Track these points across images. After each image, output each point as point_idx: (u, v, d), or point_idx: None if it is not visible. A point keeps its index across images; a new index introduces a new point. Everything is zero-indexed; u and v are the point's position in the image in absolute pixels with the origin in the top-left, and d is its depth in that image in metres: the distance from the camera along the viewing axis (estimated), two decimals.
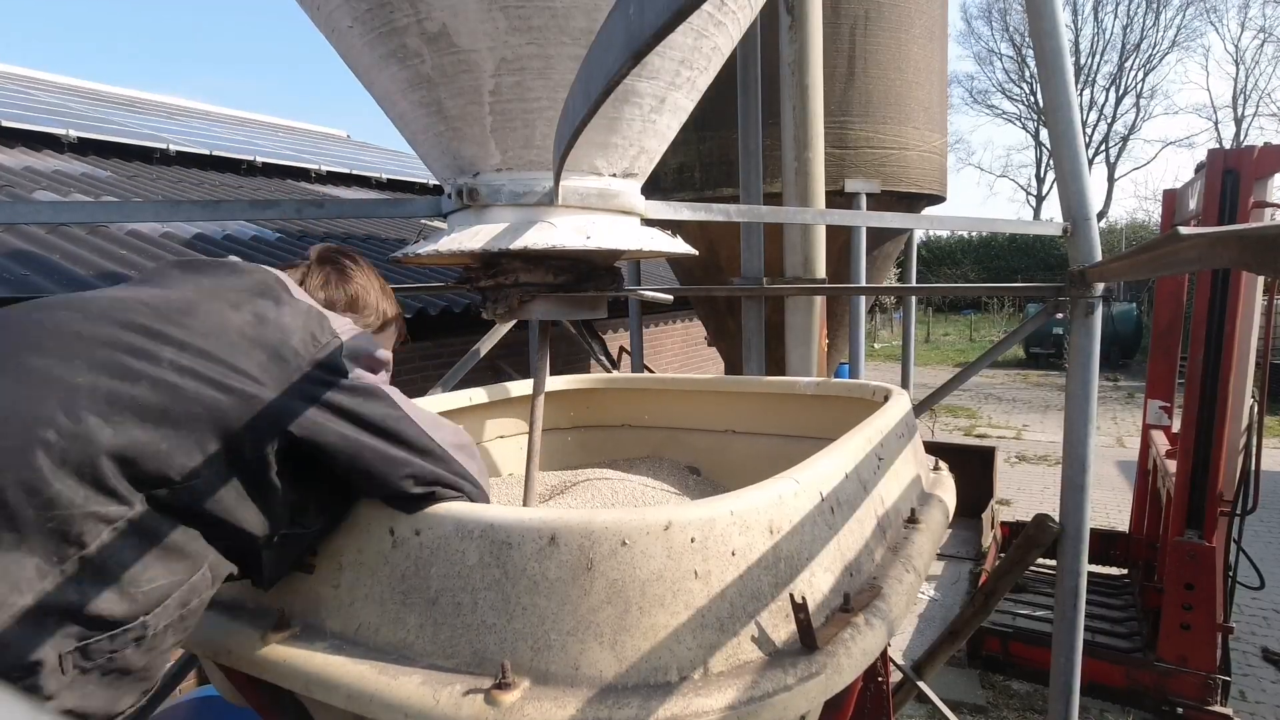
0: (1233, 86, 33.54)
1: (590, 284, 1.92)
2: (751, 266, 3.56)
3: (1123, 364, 16.73)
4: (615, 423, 2.78)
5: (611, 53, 0.79)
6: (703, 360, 9.97)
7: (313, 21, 1.90)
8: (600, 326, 7.55)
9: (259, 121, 11.08)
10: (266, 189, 6.68)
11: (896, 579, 1.39)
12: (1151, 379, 4.99)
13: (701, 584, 1.11)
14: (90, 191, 4.77)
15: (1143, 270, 1.68)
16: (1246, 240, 0.93)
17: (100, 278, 3.39)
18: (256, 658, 1.27)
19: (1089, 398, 2.40)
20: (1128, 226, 28.39)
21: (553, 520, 1.15)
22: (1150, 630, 4.21)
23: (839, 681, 1.11)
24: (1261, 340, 4.02)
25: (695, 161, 4.53)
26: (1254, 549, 4.44)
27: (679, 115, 1.94)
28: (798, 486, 1.27)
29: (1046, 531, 2.40)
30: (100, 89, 9.50)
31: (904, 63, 4.43)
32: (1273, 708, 3.98)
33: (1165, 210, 4.97)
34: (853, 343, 4.47)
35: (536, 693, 1.06)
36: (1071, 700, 2.51)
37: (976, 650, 4.36)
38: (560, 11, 1.59)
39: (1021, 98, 35.69)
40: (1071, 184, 2.37)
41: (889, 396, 2.08)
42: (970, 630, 2.72)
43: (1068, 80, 2.33)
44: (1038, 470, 8.85)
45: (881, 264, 5.28)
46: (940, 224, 5.05)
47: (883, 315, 24.56)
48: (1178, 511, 3.86)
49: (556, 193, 1.72)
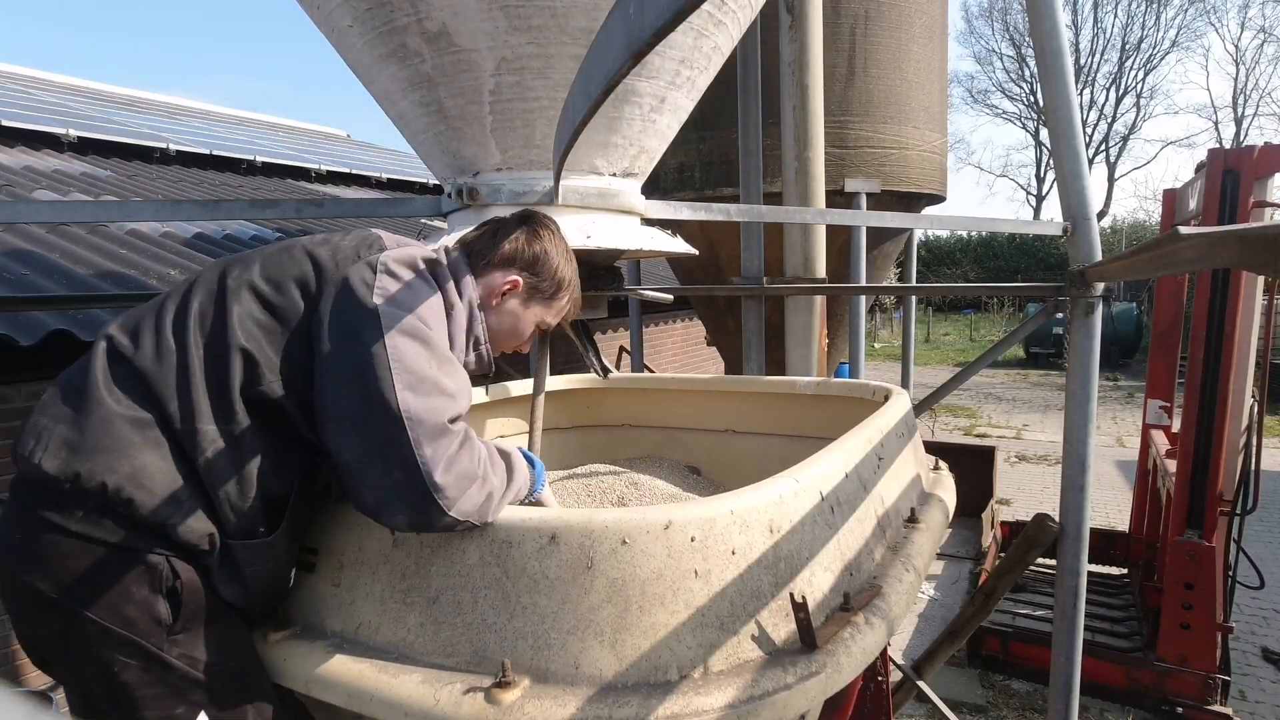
0: (1233, 86, 33.58)
1: (590, 283, 1.92)
2: (751, 266, 3.56)
3: (1123, 364, 16.72)
4: (615, 423, 2.78)
5: (611, 53, 0.79)
6: (703, 360, 9.97)
7: (313, 21, 1.90)
8: (600, 326, 7.55)
9: (259, 121, 11.08)
10: (266, 189, 6.67)
11: (896, 578, 1.39)
12: (1151, 379, 4.98)
13: (701, 583, 1.11)
14: (90, 191, 4.77)
15: (1143, 270, 1.68)
16: (1246, 240, 0.93)
17: (100, 277, 3.39)
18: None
19: (1089, 398, 2.40)
20: (1128, 226, 28.38)
21: (553, 519, 1.15)
22: (1150, 630, 4.20)
23: (839, 680, 1.11)
24: (1261, 340, 4.02)
25: (695, 161, 4.53)
26: (1254, 549, 4.44)
27: (679, 115, 1.94)
28: (798, 486, 1.27)
29: (1046, 531, 2.40)
30: (100, 88, 9.49)
31: (904, 62, 4.43)
32: (1273, 708, 3.98)
33: (1165, 210, 4.97)
34: (853, 342, 4.47)
35: (537, 691, 1.06)
36: (1071, 700, 2.51)
37: (976, 650, 4.35)
38: (560, 11, 1.59)
39: (1021, 97, 35.68)
40: (1071, 184, 2.37)
41: (889, 396, 2.08)
42: (970, 630, 2.72)
43: (1068, 80, 2.33)
44: (1038, 470, 8.85)
45: (881, 264, 5.27)
46: (940, 224, 5.05)
47: (883, 315, 24.55)
48: (1178, 511, 3.86)
49: (556, 192, 1.72)
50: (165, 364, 1.18)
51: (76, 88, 9.03)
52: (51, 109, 6.80)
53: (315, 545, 1.35)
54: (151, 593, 1.14)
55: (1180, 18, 37.54)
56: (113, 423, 1.14)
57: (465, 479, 1.15)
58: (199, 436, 1.16)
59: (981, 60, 54.63)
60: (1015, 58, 35.15)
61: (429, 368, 1.17)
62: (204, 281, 1.27)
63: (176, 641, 1.17)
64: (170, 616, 1.16)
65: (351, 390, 1.16)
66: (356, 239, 1.32)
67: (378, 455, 1.14)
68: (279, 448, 1.22)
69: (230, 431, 1.18)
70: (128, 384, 1.18)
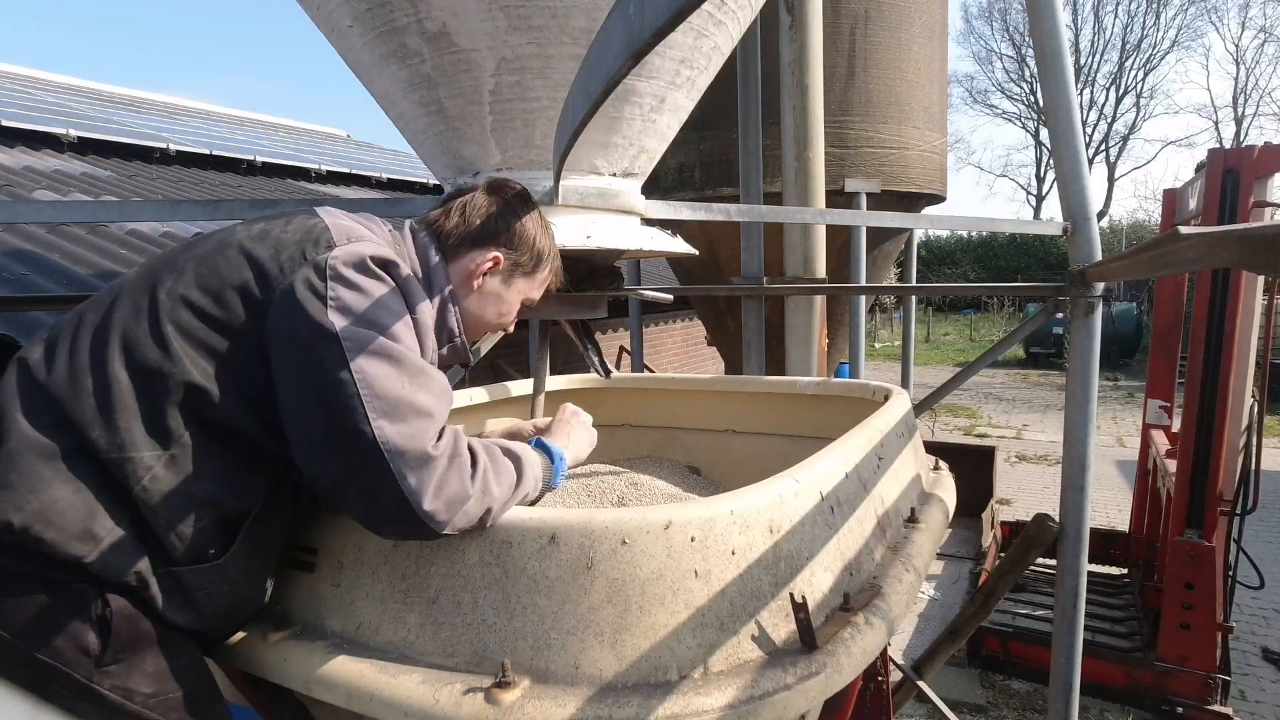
0: (1233, 86, 33.62)
1: (591, 283, 1.92)
2: (751, 266, 3.56)
3: (1123, 364, 16.72)
4: (615, 423, 2.78)
5: (611, 53, 0.79)
6: (703, 360, 9.97)
7: (313, 21, 1.90)
8: (600, 326, 7.55)
9: (259, 121, 11.08)
10: (266, 189, 6.67)
11: (896, 578, 1.39)
12: (1151, 379, 4.98)
13: (701, 583, 1.11)
14: (90, 191, 4.77)
15: (1143, 270, 1.68)
16: (1246, 240, 0.93)
17: (100, 277, 3.39)
18: (256, 657, 1.27)
19: (1089, 397, 2.40)
20: (1128, 226, 28.37)
21: (553, 519, 1.15)
22: (1150, 630, 4.20)
23: (839, 681, 1.11)
24: (1261, 340, 4.02)
25: (695, 161, 4.53)
26: (1254, 549, 4.43)
27: (679, 115, 1.94)
28: (798, 486, 1.27)
29: (1046, 531, 2.40)
30: (101, 88, 9.49)
31: (904, 62, 4.43)
32: (1273, 707, 3.98)
33: (1165, 210, 4.97)
34: (853, 342, 4.47)
35: (536, 691, 1.06)
36: (1071, 700, 2.51)
37: (976, 650, 4.35)
38: (560, 11, 1.59)
39: (1021, 97, 35.70)
40: (1071, 184, 2.37)
41: (889, 396, 2.08)
42: (970, 630, 2.72)
43: (1068, 80, 2.33)
44: (1038, 470, 8.85)
45: (881, 264, 5.27)
46: (940, 224, 5.06)
47: (883, 315, 24.55)
48: (1178, 511, 3.86)
49: (556, 192, 1.72)
50: (80, 388, 1.09)
51: (76, 88, 9.03)
52: (51, 109, 6.80)
53: (315, 545, 1.35)
54: (80, 622, 1.06)
55: (1180, 17, 37.57)
56: (21, 455, 1.05)
57: (456, 502, 1.10)
58: (132, 465, 1.07)
59: (981, 60, 54.66)
60: (1015, 58, 35.19)
61: (402, 388, 1.09)
62: (129, 293, 1.16)
63: (108, 673, 1.08)
64: (99, 647, 1.07)
65: (318, 414, 1.08)
66: (299, 231, 1.19)
67: (354, 481, 1.09)
68: (235, 468, 1.15)
69: (171, 457, 1.09)
70: (39, 411, 1.08)
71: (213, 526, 1.13)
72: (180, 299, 1.13)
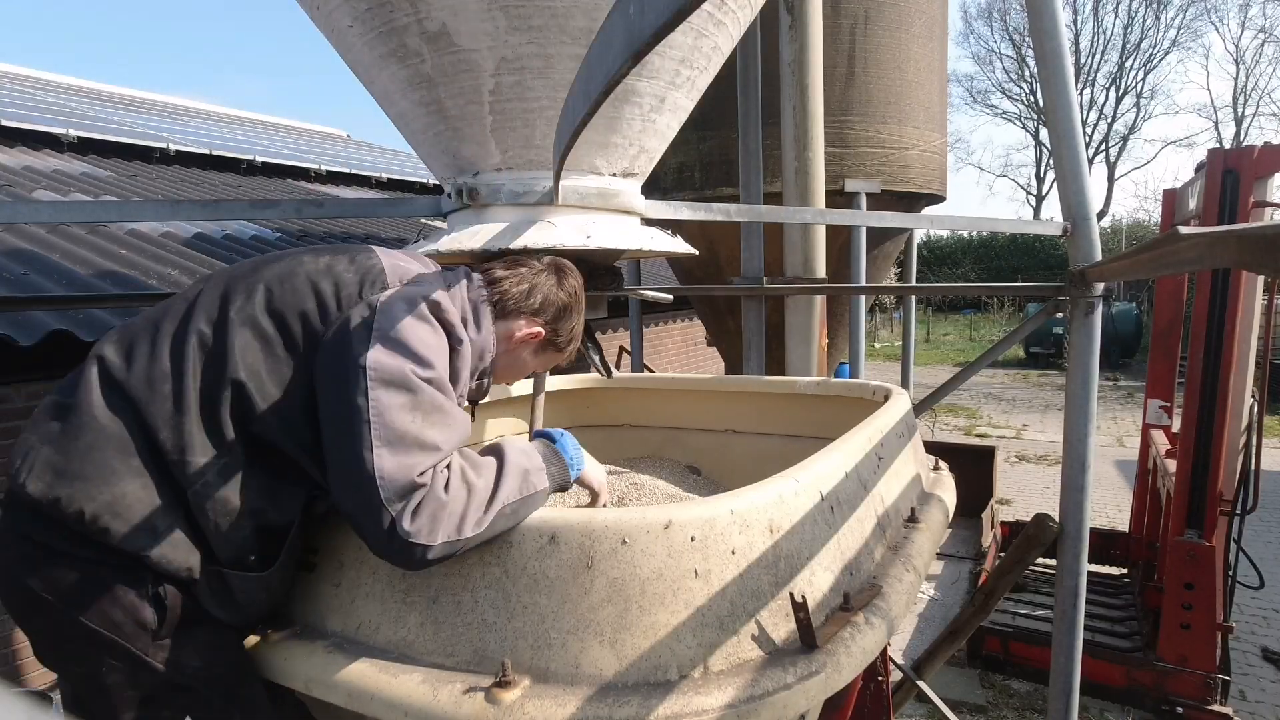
0: (1233, 86, 33.54)
1: (590, 283, 1.92)
2: (751, 266, 3.56)
3: (1123, 364, 16.72)
4: (615, 423, 2.78)
5: (611, 53, 0.79)
6: (703, 360, 9.96)
7: (313, 21, 1.90)
8: (600, 326, 7.54)
9: (259, 121, 11.08)
10: (266, 188, 6.67)
11: (896, 578, 1.39)
12: (1151, 379, 4.98)
13: (701, 583, 1.11)
14: (90, 191, 4.77)
15: (1143, 270, 1.68)
16: (1246, 240, 0.93)
17: (100, 277, 3.39)
18: (257, 656, 1.27)
19: (1089, 397, 2.40)
20: (1128, 226, 28.37)
21: (553, 519, 1.16)
22: (1150, 630, 4.20)
23: (839, 680, 1.11)
24: (1261, 340, 4.02)
25: (695, 161, 4.53)
26: (1254, 549, 4.44)
27: (679, 115, 1.94)
28: (798, 486, 1.27)
29: (1046, 531, 2.40)
30: (100, 88, 9.49)
31: (904, 62, 4.43)
32: (1272, 707, 3.98)
33: (1165, 210, 4.97)
34: (853, 342, 4.47)
35: (537, 691, 1.06)
36: (1071, 700, 2.51)
37: (976, 650, 4.35)
38: (560, 11, 1.59)
39: (1021, 97, 35.67)
40: (1071, 184, 2.37)
41: (889, 396, 2.08)
42: (970, 630, 2.72)
43: (1068, 80, 2.33)
44: (1038, 470, 8.85)
45: (881, 264, 5.27)
46: (940, 224, 5.05)
47: (883, 315, 24.55)
48: (1178, 511, 3.86)
49: (556, 192, 1.72)
50: (159, 391, 1.17)
51: (76, 88, 9.03)
52: (51, 109, 6.80)
53: (315, 545, 1.35)
54: (138, 598, 1.15)
55: (1180, 17, 37.57)
56: (98, 448, 1.13)
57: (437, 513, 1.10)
58: (190, 468, 1.16)
59: (981, 60, 54.67)
60: (1015, 58, 35.16)
61: (410, 422, 1.12)
62: (204, 305, 1.25)
63: (162, 646, 1.18)
64: (156, 621, 1.17)
65: (335, 439, 1.15)
66: (359, 271, 1.29)
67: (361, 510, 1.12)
68: (275, 483, 1.22)
69: (224, 465, 1.17)
70: (118, 408, 1.17)
71: (253, 534, 1.21)
72: (249, 319, 1.22)
